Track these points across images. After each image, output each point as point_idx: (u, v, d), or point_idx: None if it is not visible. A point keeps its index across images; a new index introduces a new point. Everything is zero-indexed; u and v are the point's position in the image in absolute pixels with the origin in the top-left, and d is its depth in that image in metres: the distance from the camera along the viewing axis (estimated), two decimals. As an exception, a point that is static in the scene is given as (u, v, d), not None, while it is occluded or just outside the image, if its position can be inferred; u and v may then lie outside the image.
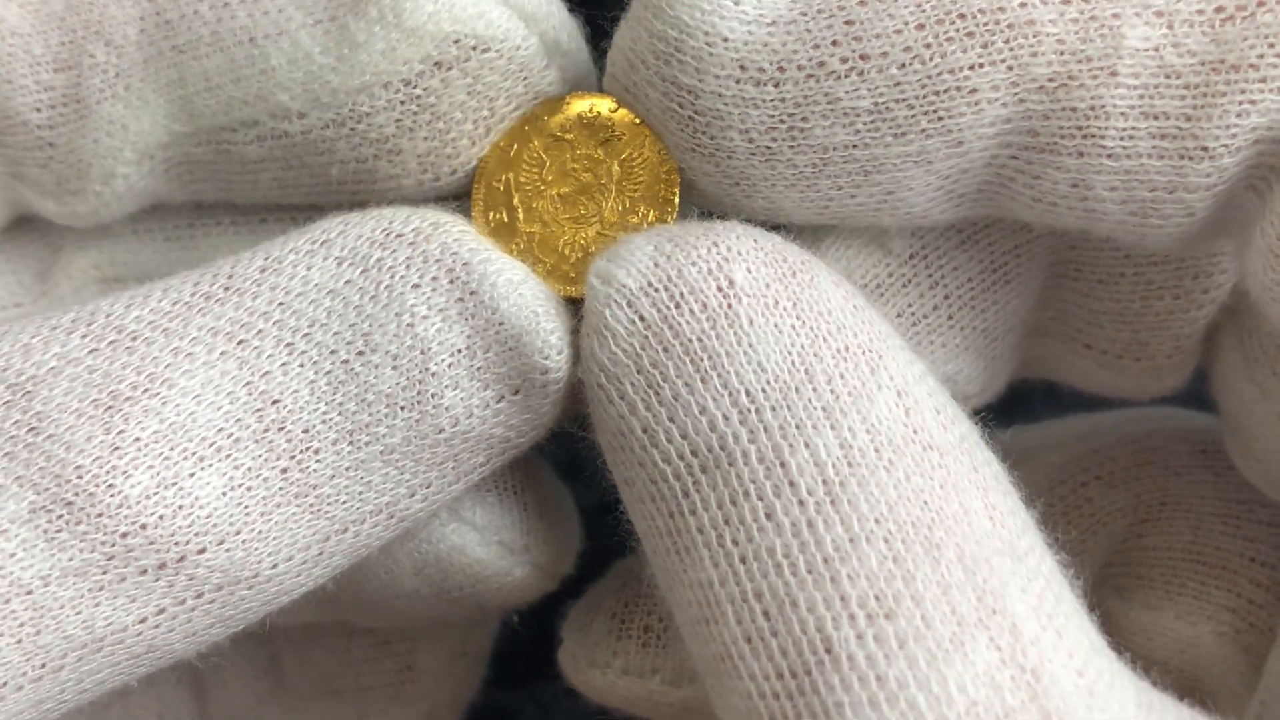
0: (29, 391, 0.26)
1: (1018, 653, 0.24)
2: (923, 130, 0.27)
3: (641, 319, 0.27)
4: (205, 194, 0.32)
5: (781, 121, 0.28)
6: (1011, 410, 0.34)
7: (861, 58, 0.27)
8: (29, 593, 0.26)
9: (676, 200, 0.30)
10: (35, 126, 0.31)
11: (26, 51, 0.30)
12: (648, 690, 0.33)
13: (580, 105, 0.30)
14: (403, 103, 0.29)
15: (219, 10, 0.29)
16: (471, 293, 0.28)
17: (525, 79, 0.30)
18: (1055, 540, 0.27)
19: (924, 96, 0.27)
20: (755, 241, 0.27)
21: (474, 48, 0.29)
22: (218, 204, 0.33)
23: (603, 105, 0.30)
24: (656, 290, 0.27)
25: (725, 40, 0.27)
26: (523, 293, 0.28)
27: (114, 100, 0.30)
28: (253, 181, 0.31)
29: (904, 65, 0.27)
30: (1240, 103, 0.26)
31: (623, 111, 0.30)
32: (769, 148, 0.28)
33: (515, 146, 0.30)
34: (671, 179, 0.30)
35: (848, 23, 0.27)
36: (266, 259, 0.28)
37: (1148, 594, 0.34)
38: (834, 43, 0.27)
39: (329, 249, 0.28)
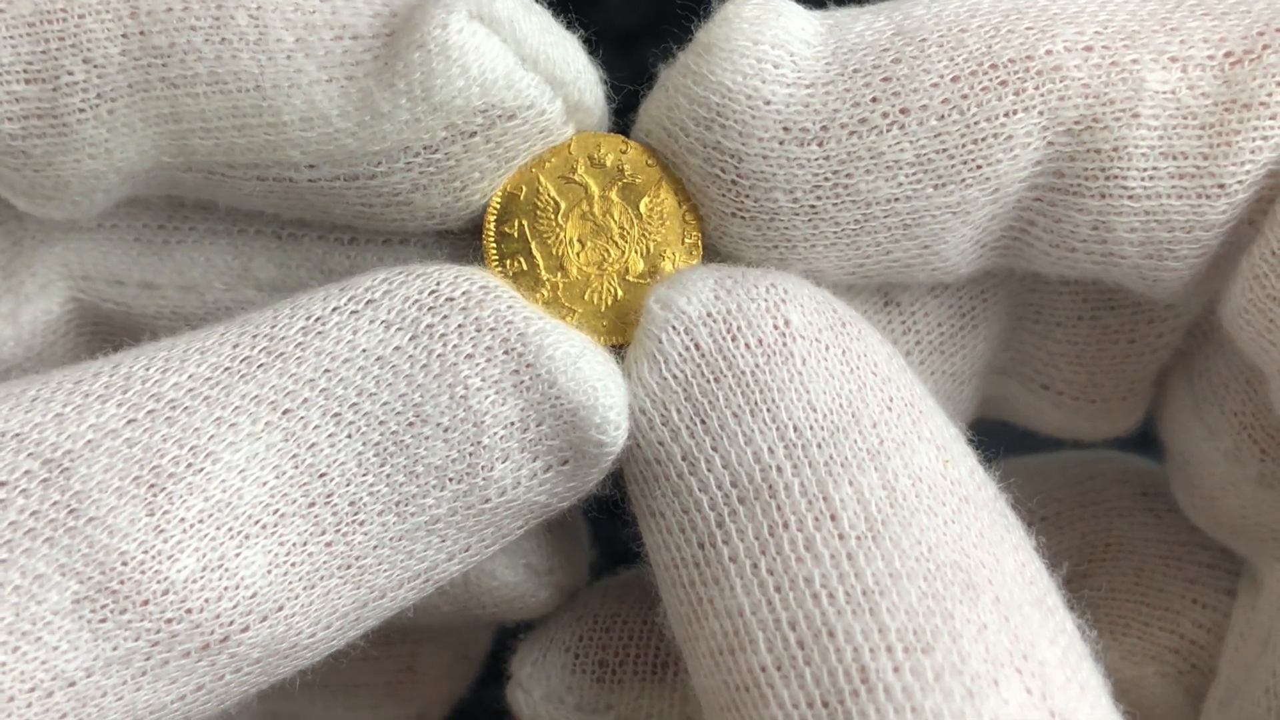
0: (66, 468, 0.25)
1: (1048, 697, 0.24)
2: (963, 180, 0.28)
3: (697, 347, 0.27)
4: (187, 197, 0.31)
5: (826, 179, 0.28)
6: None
7: (902, 112, 0.27)
8: (71, 684, 0.25)
9: (701, 245, 0.30)
10: (7, 135, 0.29)
11: None
12: None
13: (587, 146, 0.29)
14: (422, 166, 0.28)
15: (217, 46, 0.28)
16: (528, 365, 0.27)
17: (546, 138, 0.29)
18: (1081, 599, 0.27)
19: (963, 145, 0.28)
20: (809, 290, 0.28)
21: (499, 116, 0.28)
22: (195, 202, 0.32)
23: (610, 145, 0.29)
24: (715, 320, 0.27)
25: (768, 103, 0.27)
26: (581, 367, 0.27)
27: (96, 123, 0.28)
28: (244, 200, 0.30)
29: (943, 116, 0.27)
30: (1254, 139, 0.27)
31: (632, 153, 0.29)
32: (813, 206, 0.28)
33: (524, 189, 0.29)
34: (692, 223, 0.30)
35: (885, 80, 0.27)
36: (308, 319, 0.27)
37: (1092, 635, 0.35)
38: (874, 99, 0.27)
39: (375, 311, 0.27)
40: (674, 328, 0.27)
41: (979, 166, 0.28)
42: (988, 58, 0.27)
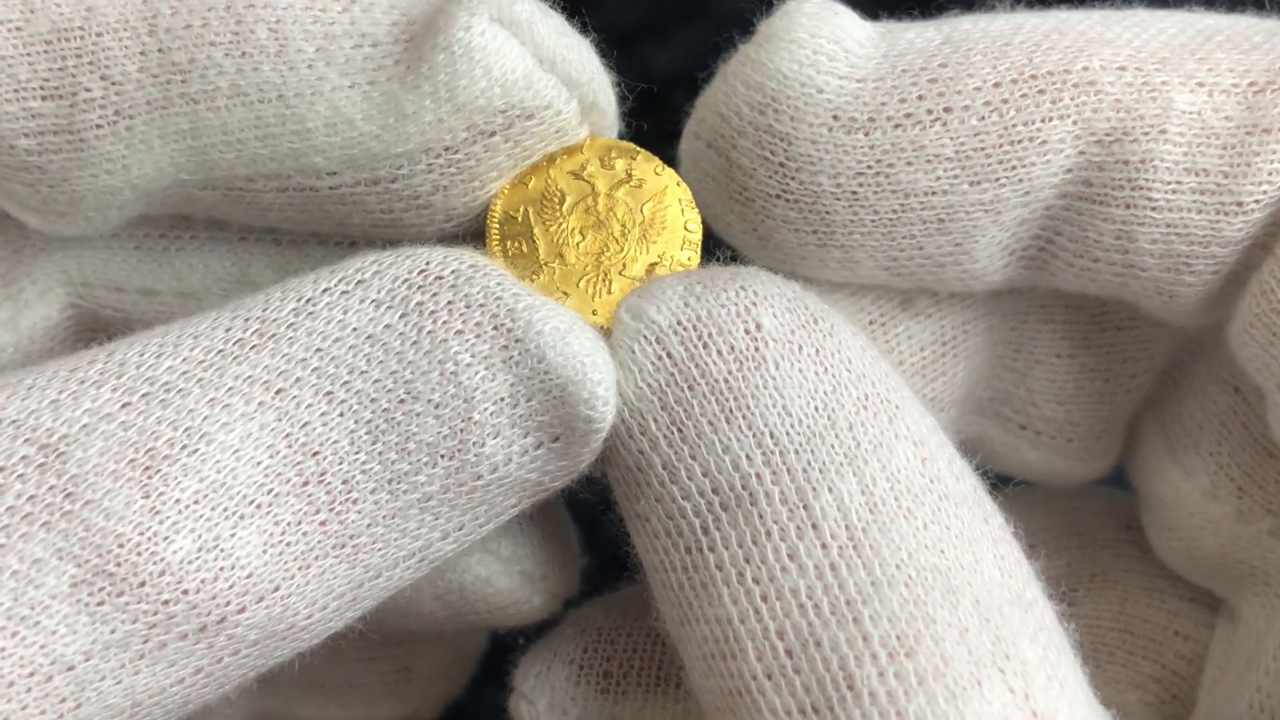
0: (62, 452, 0.25)
1: (1030, 697, 0.25)
2: (997, 179, 0.29)
3: (669, 356, 0.28)
4: (197, 214, 0.31)
5: (869, 167, 0.29)
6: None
7: (945, 110, 0.29)
8: (70, 668, 0.25)
9: (699, 250, 0.30)
10: (23, 151, 0.29)
11: (10, 76, 0.29)
12: None
13: (599, 148, 0.30)
14: (443, 167, 0.29)
15: (238, 60, 0.28)
16: (517, 340, 0.27)
17: (561, 138, 0.30)
18: (1059, 594, 0.28)
19: (1001, 145, 0.29)
20: (779, 288, 0.28)
21: (519, 116, 0.29)
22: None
23: (622, 151, 0.30)
24: (685, 329, 0.28)
25: (820, 91, 0.29)
26: (570, 341, 0.27)
27: (114, 139, 0.29)
28: (259, 215, 0.30)
29: (984, 117, 0.29)
30: (1272, 161, 0.29)
31: (642, 160, 0.30)
32: (855, 192, 0.29)
33: (532, 180, 0.30)
34: (693, 233, 0.30)
35: (931, 81, 0.29)
36: (299, 301, 0.27)
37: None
38: (920, 97, 0.29)
39: (364, 290, 0.27)
40: (645, 337, 0.28)
41: (1014, 167, 0.29)
42: (1029, 68, 0.29)
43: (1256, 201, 0.29)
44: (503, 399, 0.27)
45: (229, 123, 0.29)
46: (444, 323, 0.27)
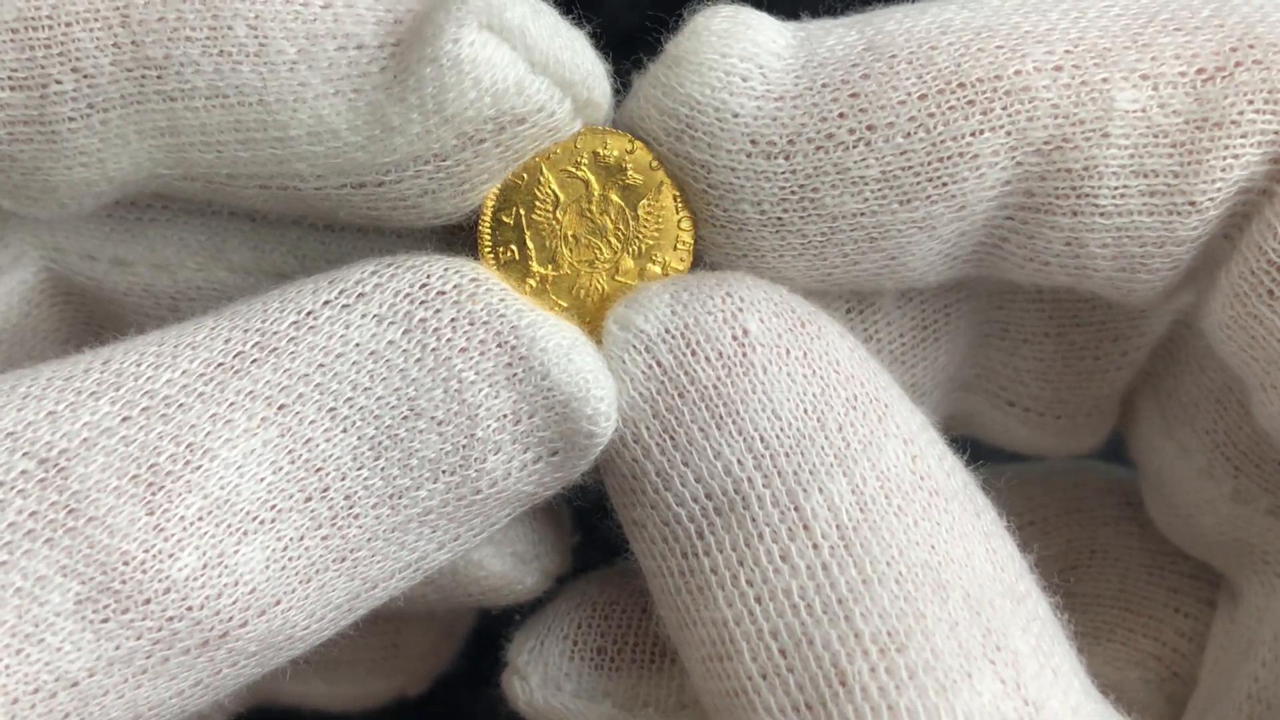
0: (62, 467, 0.25)
1: (1021, 686, 0.25)
2: (928, 197, 0.28)
3: (659, 365, 0.28)
4: (173, 194, 0.31)
5: (793, 193, 0.28)
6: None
7: (868, 128, 0.28)
8: (74, 685, 0.25)
9: (691, 250, 0.30)
10: None
11: None
12: (599, 714, 0.33)
13: (593, 141, 0.29)
14: (432, 173, 0.28)
15: (215, 59, 0.27)
16: (521, 358, 0.27)
17: (554, 136, 0.29)
18: (1052, 584, 0.28)
19: (929, 163, 0.28)
20: (765, 292, 0.28)
21: (510, 121, 0.28)
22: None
23: (616, 144, 0.29)
24: (674, 337, 0.28)
25: (735, 116, 0.28)
26: (573, 359, 0.27)
27: (88, 133, 0.28)
28: (240, 204, 0.30)
29: (909, 134, 0.27)
30: (1224, 157, 0.27)
31: (638, 154, 0.29)
32: (780, 219, 0.29)
33: (525, 178, 0.29)
34: (686, 229, 0.30)
35: (852, 95, 0.28)
36: (299, 313, 0.27)
37: (1077, 640, 0.36)
38: (840, 115, 0.28)
39: (366, 305, 0.27)
40: (635, 347, 0.28)
41: (944, 184, 0.28)
42: (956, 76, 0.27)
43: (1210, 199, 0.28)
44: (505, 415, 0.27)
45: (208, 124, 0.28)
46: (448, 340, 0.27)
